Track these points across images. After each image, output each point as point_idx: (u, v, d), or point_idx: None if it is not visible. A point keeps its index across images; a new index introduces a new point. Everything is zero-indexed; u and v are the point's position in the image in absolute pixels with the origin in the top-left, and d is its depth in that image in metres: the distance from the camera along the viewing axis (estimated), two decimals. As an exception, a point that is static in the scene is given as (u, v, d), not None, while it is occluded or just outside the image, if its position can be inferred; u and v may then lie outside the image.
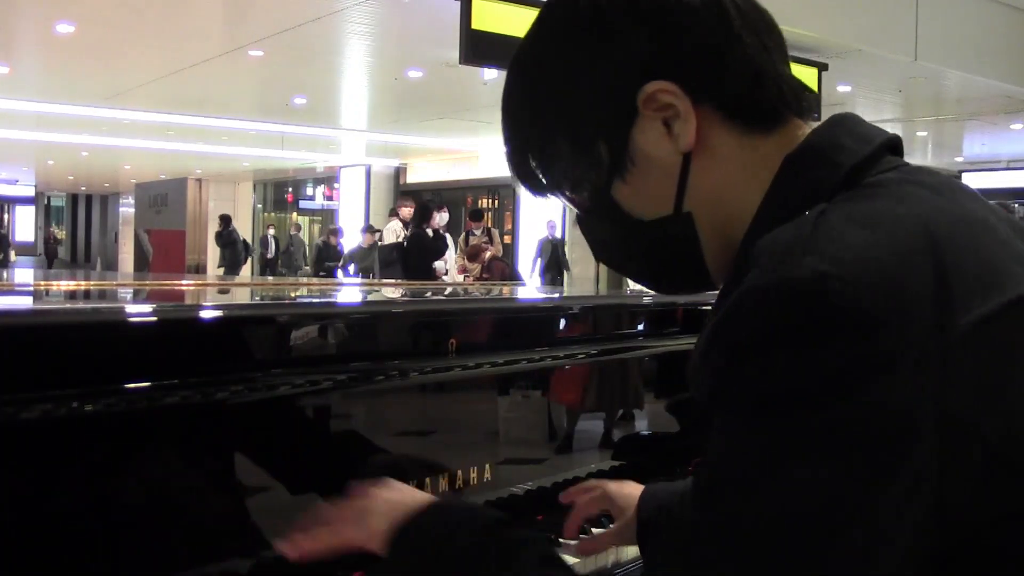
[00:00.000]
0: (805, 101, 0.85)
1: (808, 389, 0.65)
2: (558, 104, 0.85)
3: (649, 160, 0.83)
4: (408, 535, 0.92)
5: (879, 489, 0.64)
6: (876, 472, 0.64)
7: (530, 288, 6.97)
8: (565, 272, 13.96)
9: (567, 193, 0.88)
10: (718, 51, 0.81)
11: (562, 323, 1.88)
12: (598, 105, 0.83)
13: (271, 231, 20.63)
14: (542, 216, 14.44)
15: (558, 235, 14.19)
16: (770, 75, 0.82)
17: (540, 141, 0.87)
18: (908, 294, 0.66)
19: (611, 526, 1.31)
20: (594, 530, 1.43)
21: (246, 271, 17.89)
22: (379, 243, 12.47)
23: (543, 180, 0.89)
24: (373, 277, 11.87)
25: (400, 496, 0.98)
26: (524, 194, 0.96)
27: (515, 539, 0.87)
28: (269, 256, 19.02)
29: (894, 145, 0.83)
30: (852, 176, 0.78)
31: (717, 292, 0.86)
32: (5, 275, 3.20)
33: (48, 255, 23.79)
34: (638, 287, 1.11)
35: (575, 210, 0.91)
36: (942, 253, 0.69)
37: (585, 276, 13.90)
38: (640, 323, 2.00)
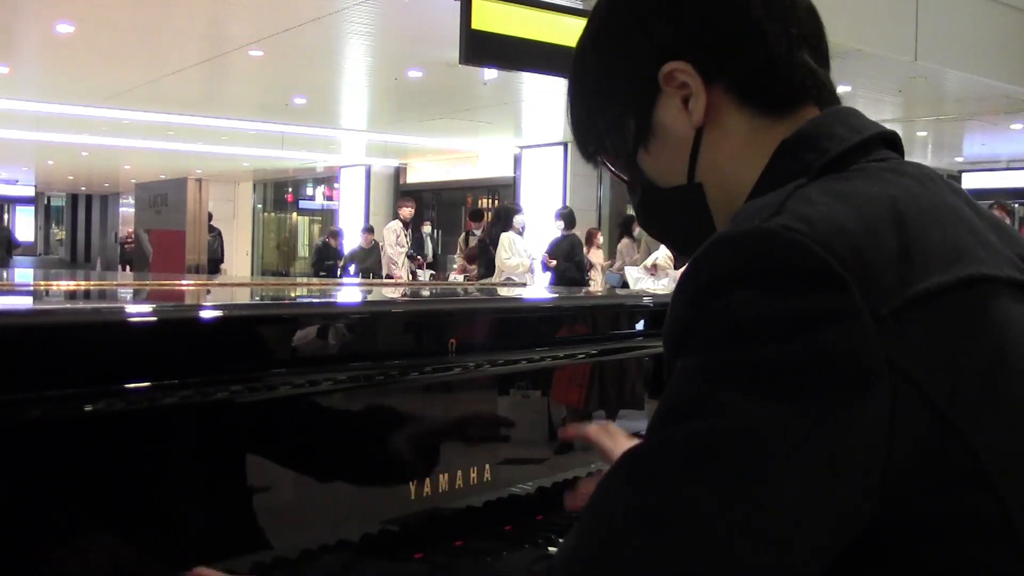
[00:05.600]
0: (825, 91, 0.90)
1: (763, 328, 0.68)
2: (598, 86, 0.97)
3: (667, 132, 0.91)
4: None
5: (820, 431, 0.66)
6: (820, 415, 0.66)
7: (530, 288, 6.97)
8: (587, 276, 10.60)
9: (607, 162, 1.00)
10: (732, 36, 0.88)
11: (562, 323, 1.88)
12: (627, 84, 0.93)
13: (426, 228, 14.83)
14: (543, 216, 12.67)
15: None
16: (784, 62, 0.88)
17: (587, 117, 0.99)
18: (870, 256, 0.70)
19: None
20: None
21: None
22: (379, 243, 12.46)
23: (592, 152, 1.01)
24: (373, 277, 11.86)
25: None
26: (524, 194, 1.03)
27: None
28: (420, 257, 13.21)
29: (891, 141, 0.87)
30: (838, 161, 0.82)
31: None
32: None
33: (123, 259, 22.50)
34: (638, 288, 1.13)
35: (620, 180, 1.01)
36: (907, 227, 0.73)
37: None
38: (640, 323, 2.00)
